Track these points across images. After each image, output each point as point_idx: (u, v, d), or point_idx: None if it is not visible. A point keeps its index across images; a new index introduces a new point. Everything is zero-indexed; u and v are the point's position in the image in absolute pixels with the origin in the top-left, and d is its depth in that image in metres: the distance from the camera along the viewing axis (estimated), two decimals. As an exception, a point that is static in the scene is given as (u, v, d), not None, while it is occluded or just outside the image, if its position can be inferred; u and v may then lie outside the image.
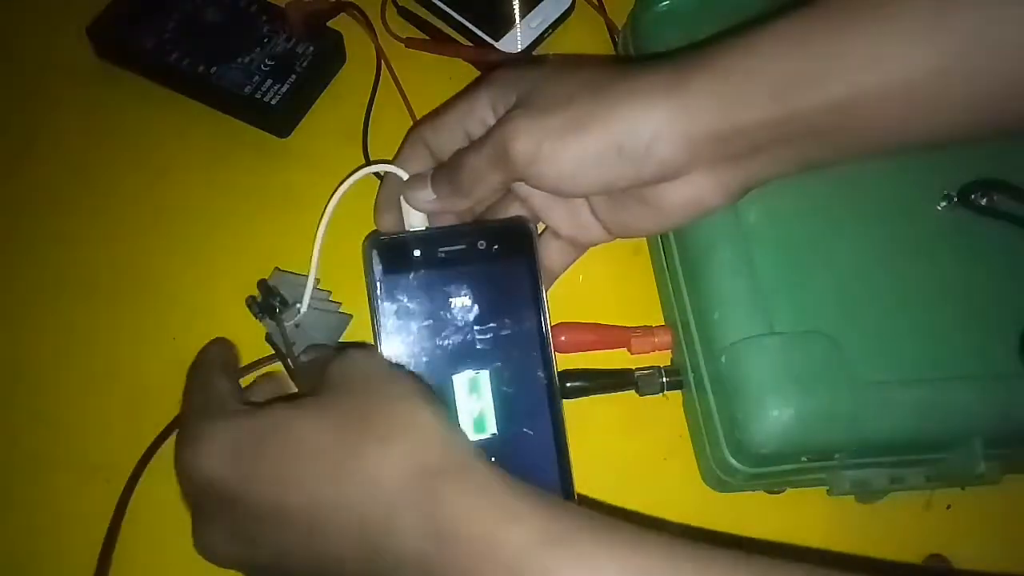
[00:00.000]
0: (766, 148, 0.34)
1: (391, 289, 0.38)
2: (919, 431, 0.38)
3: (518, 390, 0.38)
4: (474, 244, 0.39)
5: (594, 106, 0.35)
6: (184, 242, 0.48)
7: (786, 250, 0.41)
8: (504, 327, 0.38)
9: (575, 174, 0.36)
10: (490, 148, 0.37)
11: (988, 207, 0.42)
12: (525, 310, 0.39)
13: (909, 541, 0.43)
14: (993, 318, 0.40)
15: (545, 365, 0.38)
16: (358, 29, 0.54)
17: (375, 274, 0.38)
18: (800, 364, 0.38)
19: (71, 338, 0.45)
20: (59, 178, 0.50)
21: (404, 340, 0.38)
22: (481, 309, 0.38)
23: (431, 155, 0.41)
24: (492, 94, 0.38)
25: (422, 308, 0.38)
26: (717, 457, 0.41)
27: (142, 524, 0.41)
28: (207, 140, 0.51)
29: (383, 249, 0.38)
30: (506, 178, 0.37)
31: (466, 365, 0.38)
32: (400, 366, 0.37)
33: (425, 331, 0.38)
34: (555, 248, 0.43)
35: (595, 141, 0.35)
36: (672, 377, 0.44)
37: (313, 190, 0.49)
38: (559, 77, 0.37)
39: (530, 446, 0.38)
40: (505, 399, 0.38)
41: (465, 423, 0.38)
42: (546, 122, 0.35)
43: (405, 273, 0.38)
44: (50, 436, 0.43)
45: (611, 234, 0.41)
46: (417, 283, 0.38)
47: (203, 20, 0.52)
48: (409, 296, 0.38)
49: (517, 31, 0.54)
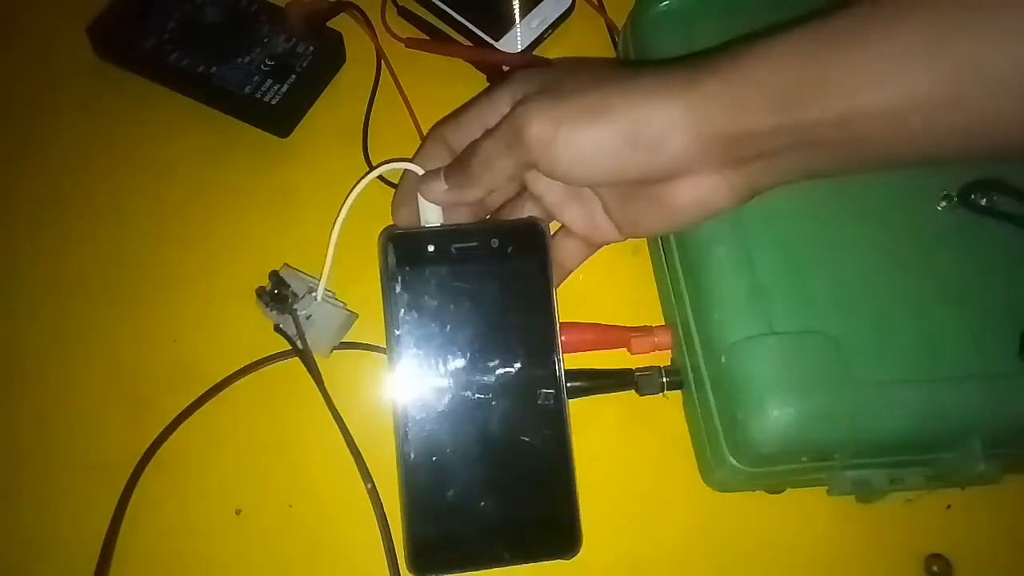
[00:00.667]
0: (772, 154, 0.35)
1: (405, 282, 0.39)
2: (919, 431, 0.38)
3: (527, 384, 0.39)
4: (487, 242, 0.39)
5: (611, 96, 0.35)
6: (184, 242, 0.48)
7: (786, 250, 0.41)
8: (515, 325, 0.39)
9: (588, 161, 0.36)
10: (505, 131, 0.37)
11: (988, 207, 0.42)
12: (536, 308, 0.39)
13: (909, 541, 0.43)
14: (993, 318, 0.40)
15: (554, 362, 0.39)
16: (358, 29, 0.54)
17: (389, 266, 0.38)
18: (800, 364, 0.38)
19: (71, 338, 0.45)
20: (59, 178, 0.50)
21: (416, 332, 0.38)
22: (493, 306, 0.39)
23: (450, 152, 0.41)
24: (513, 90, 0.39)
25: (434, 302, 0.39)
26: (717, 457, 0.41)
27: (142, 524, 0.41)
28: (207, 140, 0.51)
29: (398, 243, 0.39)
30: (518, 163, 0.37)
31: (476, 360, 0.39)
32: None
33: (436, 324, 0.38)
34: (568, 246, 0.43)
35: (611, 128, 0.35)
36: (672, 377, 0.44)
37: (313, 190, 0.49)
38: (576, 72, 0.38)
39: (537, 443, 0.39)
40: (514, 393, 0.39)
41: (473, 418, 0.38)
42: (563, 107, 0.36)
43: (419, 267, 0.39)
44: (50, 436, 0.43)
45: (622, 233, 0.41)
46: (430, 277, 0.39)
47: (203, 20, 0.52)
48: (422, 290, 0.39)
49: (517, 31, 0.54)
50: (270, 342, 0.44)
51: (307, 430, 0.43)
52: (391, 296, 0.39)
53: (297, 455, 0.43)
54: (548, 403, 0.39)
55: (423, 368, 0.39)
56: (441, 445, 0.38)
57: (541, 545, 0.39)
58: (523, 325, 0.39)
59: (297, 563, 0.41)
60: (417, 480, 0.38)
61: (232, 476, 0.42)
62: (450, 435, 0.38)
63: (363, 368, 0.45)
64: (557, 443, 0.39)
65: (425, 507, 0.38)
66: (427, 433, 0.38)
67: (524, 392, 0.39)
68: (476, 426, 0.38)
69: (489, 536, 0.38)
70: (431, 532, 0.38)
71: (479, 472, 0.38)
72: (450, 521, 0.38)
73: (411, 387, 0.38)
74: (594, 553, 0.41)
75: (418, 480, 0.38)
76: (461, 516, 0.38)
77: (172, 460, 0.42)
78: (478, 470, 0.38)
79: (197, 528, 0.41)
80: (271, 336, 0.44)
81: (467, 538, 0.38)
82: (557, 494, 0.39)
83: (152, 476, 0.42)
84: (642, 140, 0.35)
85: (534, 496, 0.39)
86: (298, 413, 0.44)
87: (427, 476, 0.38)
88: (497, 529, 0.38)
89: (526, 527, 0.39)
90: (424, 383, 0.39)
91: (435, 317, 0.39)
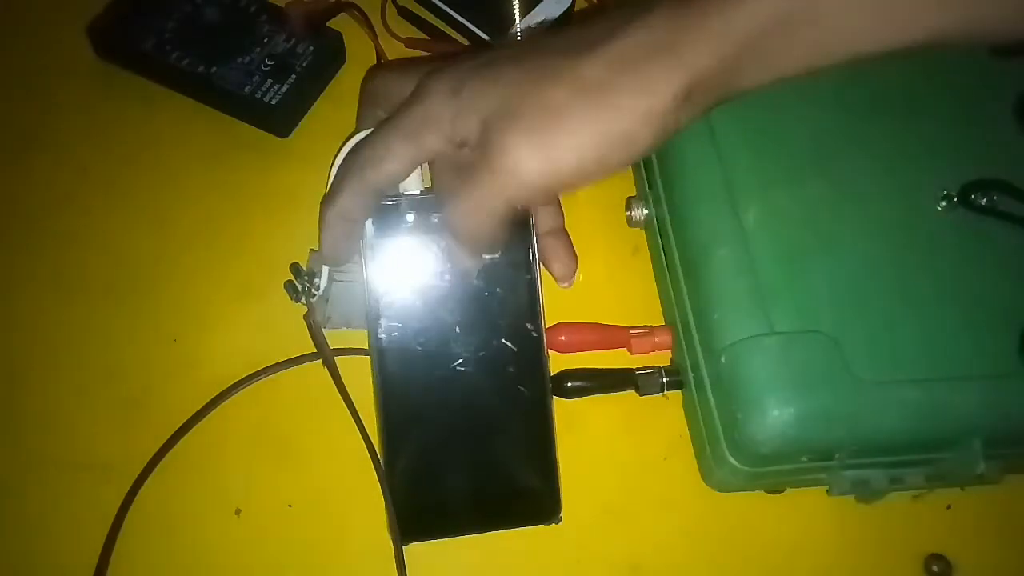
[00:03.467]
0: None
1: (382, 252, 0.38)
2: (919, 431, 0.38)
3: (507, 357, 0.39)
4: None
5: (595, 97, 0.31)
6: (184, 242, 0.48)
7: (786, 250, 0.41)
8: (497, 293, 0.39)
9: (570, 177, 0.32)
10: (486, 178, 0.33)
11: (988, 207, 0.42)
12: (518, 278, 0.39)
13: (909, 541, 0.43)
14: (993, 318, 0.40)
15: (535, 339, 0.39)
16: (358, 29, 0.54)
17: (368, 236, 0.38)
18: (800, 364, 0.38)
19: (71, 338, 0.45)
20: (59, 178, 0.50)
21: (395, 303, 0.38)
22: (472, 278, 0.39)
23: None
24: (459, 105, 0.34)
25: (414, 273, 0.38)
26: (717, 457, 0.41)
27: (142, 524, 0.41)
28: (207, 140, 0.51)
29: (376, 212, 0.38)
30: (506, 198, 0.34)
31: (456, 332, 0.39)
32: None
33: (416, 296, 0.38)
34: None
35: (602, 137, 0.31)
36: (672, 377, 0.44)
37: (313, 190, 0.49)
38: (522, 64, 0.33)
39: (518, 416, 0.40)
40: (494, 366, 0.39)
41: (450, 393, 0.39)
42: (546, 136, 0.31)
43: (398, 237, 0.38)
44: (51, 436, 0.43)
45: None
46: (409, 247, 0.38)
47: (203, 20, 0.52)
48: (401, 260, 0.38)
49: (517, 31, 0.54)
50: (271, 342, 0.44)
51: (308, 431, 0.43)
52: (369, 267, 0.38)
53: (297, 455, 0.43)
54: (532, 370, 0.39)
55: (403, 339, 0.38)
56: (422, 414, 0.39)
57: (523, 510, 0.40)
58: (505, 294, 0.39)
59: (297, 563, 0.41)
60: (399, 448, 0.39)
61: (232, 476, 0.42)
62: (431, 404, 0.39)
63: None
64: (537, 410, 0.39)
65: (407, 474, 0.39)
66: (408, 403, 0.39)
67: (505, 361, 0.39)
68: (457, 395, 0.39)
69: (472, 501, 0.40)
70: (414, 498, 0.39)
71: (461, 439, 0.39)
72: (433, 487, 0.39)
73: (390, 358, 0.38)
74: (594, 553, 0.41)
75: (400, 448, 0.39)
76: (444, 482, 0.39)
77: (173, 462, 0.42)
78: (460, 437, 0.39)
79: (197, 528, 0.41)
80: (272, 336, 0.44)
81: (451, 503, 0.40)
82: (539, 460, 0.40)
83: (153, 477, 0.42)
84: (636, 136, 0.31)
85: (515, 462, 0.40)
86: (301, 414, 0.44)
87: (409, 444, 0.39)
88: (479, 494, 0.40)
89: (507, 492, 0.40)
90: (404, 355, 0.39)
91: (415, 288, 0.38)
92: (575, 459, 0.42)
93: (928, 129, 0.44)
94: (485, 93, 0.33)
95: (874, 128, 0.44)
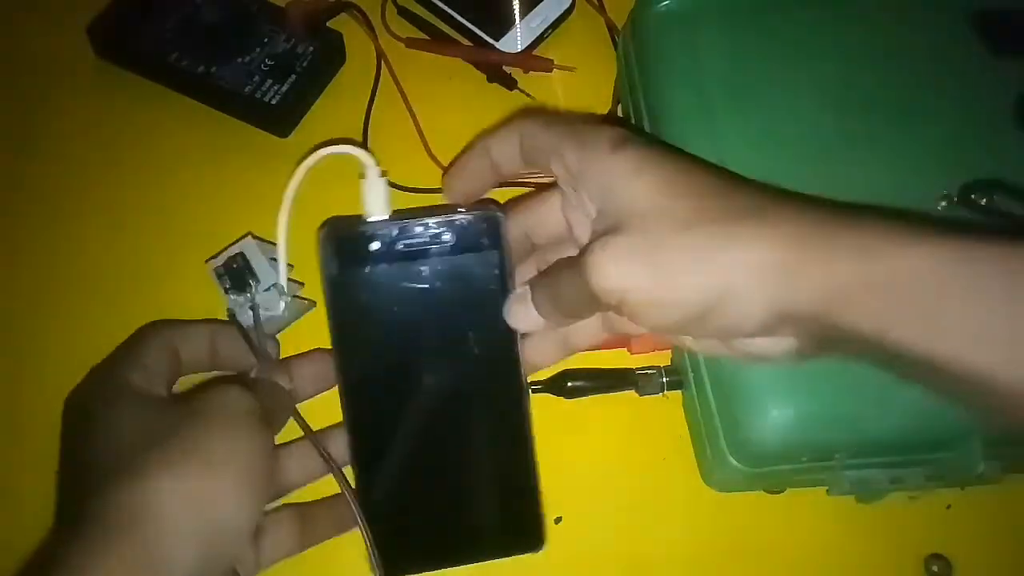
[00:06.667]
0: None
1: (347, 278, 0.36)
2: (919, 431, 0.38)
3: (482, 389, 0.38)
4: (439, 237, 0.36)
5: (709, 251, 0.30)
6: (184, 242, 0.48)
7: (786, 250, 0.41)
8: (470, 323, 0.37)
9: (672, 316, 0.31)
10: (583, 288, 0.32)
11: (988, 207, 0.42)
12: (491, 308, 0.37)
13: (909, 541, 0.43)
14: (993, 318, 0.40)
15: (512, 363, 0.38)
16: (358, 29, 0.54)
17: (330, 268, 0.36)
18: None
19: (71, 338, 0.45)
20: (59, 178, 0.50)
21: (359, 336, 0.37)
22: (445, 304, 0.37)
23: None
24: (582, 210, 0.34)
25: (380, 299, 0.36)
26: (717, 457, 0.41)
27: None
28: (207, 140, 0.51)
29: (339, 239, 0.36)
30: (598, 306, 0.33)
31: (427, 361, 0.37)
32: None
33: (384, 327, 0.37)
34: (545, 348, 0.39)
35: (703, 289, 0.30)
36: (672, 377, 0.44)
37: (313, 190, 0.49)
38: (659, 204, 0.32)
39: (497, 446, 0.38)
40: (468, 398, 0.38)
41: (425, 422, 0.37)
42: (653, 263, 0.31)
43: (363, 264, 0.36)
44: (51, 436, 0.43)
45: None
46: (376, 273, 0.36)
47: (203, 20, 0.52)
48: (367, 287, 0.36)
49: (517, 31, 0.55)
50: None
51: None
52: (333, 295, 0.36)
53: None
54: (508, 399, 0.38)
55: (372, 376, 0.37)
56: (396, 448, 0.37)
57: (506, 541, 0.39)
58: (476, 319, 0.37)
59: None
60: (374, 484, 0.37)
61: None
62: (405, 437, 0.37)
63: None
64: (517, 440, 0.38)
65: (385, 508, 0.37)
66: (381, 436, 0.37)
67: (480, 389, 0.38)
68: (432, 427, 0.38)
69: (454, 533, 0.39)
70: (394, 533, 0.37)
71: (439, 471, 0.38)
72: (413, 521, 0.38)
73: (359, 397, 0.37)
74: (594, 553, 0.41)
75: (375, 482, 0.37)
76: (423, 515, 0.38)
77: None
78: (438, 470, 0.38)
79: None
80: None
81: (432, 536, 0.38)
82: (520, 490, 0.38)
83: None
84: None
85: (496, 492, 0.39)
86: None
87: (384, 478, 0.38)
88: (460, 526, 0.39)
89: (489, 523, 0.39)
90: (373, 386, 0.37)
91: (382, 318, 0.37)
92: (575, 459, 0.42)
93: (928, 129, 0.44)
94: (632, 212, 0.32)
95: (874, 128, 0.44)
